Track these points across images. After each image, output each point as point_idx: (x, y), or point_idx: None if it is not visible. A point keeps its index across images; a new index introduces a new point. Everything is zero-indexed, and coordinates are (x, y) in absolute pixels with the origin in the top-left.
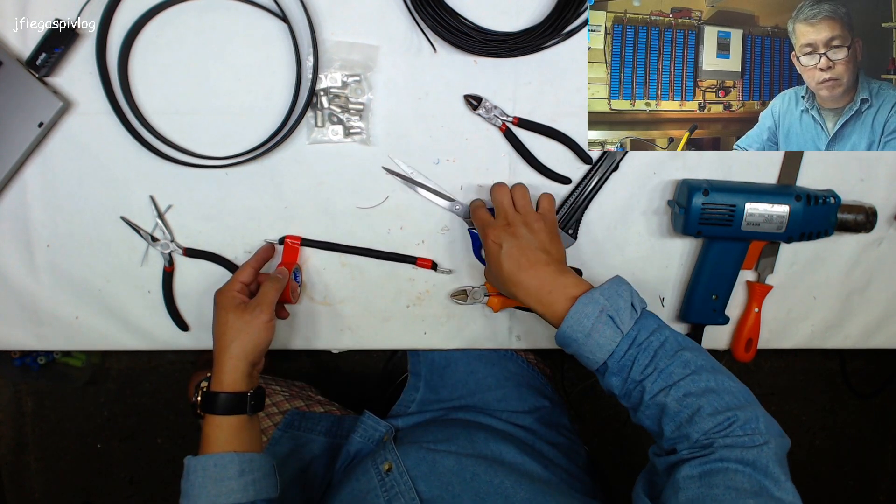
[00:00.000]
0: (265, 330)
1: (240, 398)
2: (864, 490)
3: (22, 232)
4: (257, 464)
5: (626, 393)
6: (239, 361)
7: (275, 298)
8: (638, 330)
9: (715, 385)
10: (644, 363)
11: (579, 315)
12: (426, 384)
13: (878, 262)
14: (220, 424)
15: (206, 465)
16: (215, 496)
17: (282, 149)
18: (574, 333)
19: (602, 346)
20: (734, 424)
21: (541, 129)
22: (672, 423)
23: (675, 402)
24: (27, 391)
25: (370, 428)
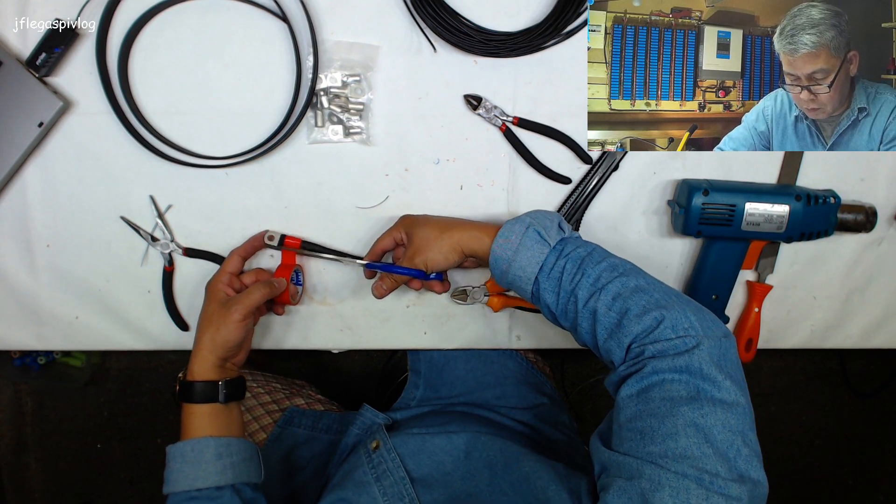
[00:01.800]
0: (235, 329)
1: (211, 387)
2: (864, 490)
3: (22, 232)
4: (235, 447)
5: (563, 310)
6: (208, 353)
7: (257, 302)
8: (564, 243)
9: (644, 283)
10: (573, 271)
11: (507, 232)
12: (426, 382)
13: (878, 262)
14: (194, 412)
15: (183, 451)
16: (192, 479)
17: (282, 149)
18: (503, 252)
19: (531, 259)
20: (662, 325)
21: (541, 129)
22: (604, 331)
23: (605, 305)
24: (27, 391)
25: (368, 420)
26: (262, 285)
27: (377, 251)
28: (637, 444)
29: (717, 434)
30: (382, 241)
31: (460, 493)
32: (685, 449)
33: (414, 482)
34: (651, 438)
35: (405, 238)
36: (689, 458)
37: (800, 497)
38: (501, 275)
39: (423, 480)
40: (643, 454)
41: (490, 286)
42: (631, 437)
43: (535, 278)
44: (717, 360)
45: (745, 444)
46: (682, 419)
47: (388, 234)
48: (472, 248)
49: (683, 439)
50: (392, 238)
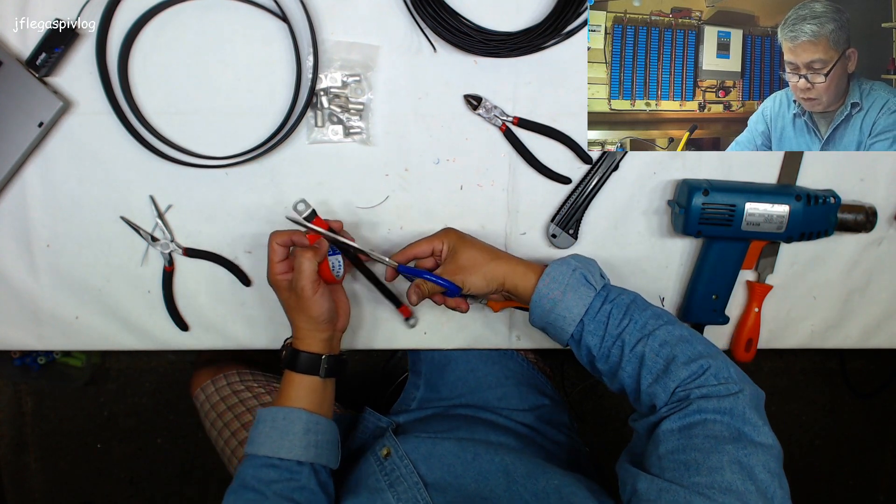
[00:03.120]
0: (315, 302)
1: (315, 360)
2: (864, 490)
3: (22, 232)
4: (323, 427)
5: (604, 353)
6: (310, 332)
7: (311, 269)
8: (608, 289)
9: (688, 334)
10: (619, 316)
11: (555, 273)
12: (426, 382)
13: (878, 262)
14: (294, 381)
15: (275, 416)
16: (277, 448)
17: (282, 149)
18: (549, 291)
19: (577, 301)
20: (707, 372)
21: (541, 128)
22: (650, 375)
23: (653, 351)
24: (27, 391)
25: (371, 423)
26: (303, 252)
27: (409, 255)
28: (682, 473)
29: (759, 473)
30: (420, 246)
31: (474, 496)
32: (730, 483)
33: (428, 486)
34: (696, 470)
35: (446, 251)
36: (734, 492)
37: (800, 497)
38: (543, 314)
39: (436, 484)
40: (689, 484)
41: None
42: (675, 468)
43: (581, 320)
44: (756, 406)
45: (780, 486)
46: (727, 456)
47: (428, 241)
48: (514, 284)
49: (729, 474)
50: (431, 246)
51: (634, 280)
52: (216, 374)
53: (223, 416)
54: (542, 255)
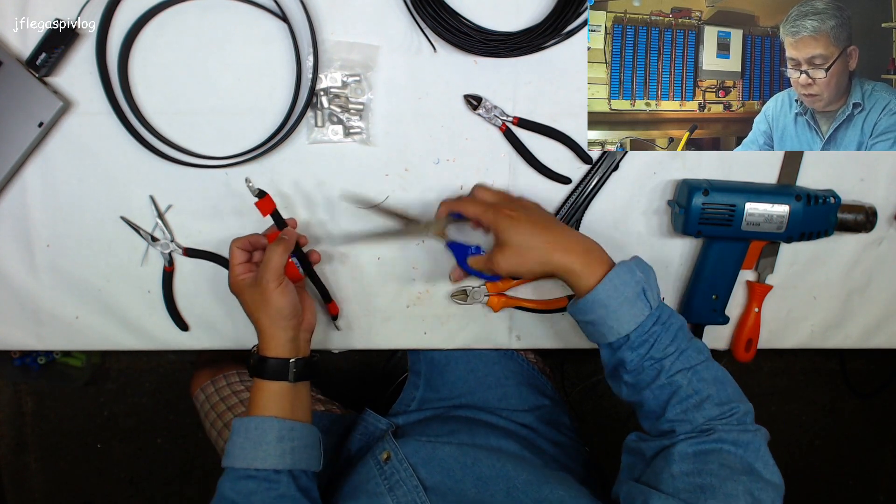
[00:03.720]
0: (279, 296)
1: (282, 364)
2: (864, 490)
3: (22, 232)
4: (298, 432)
5: (638, 368)
6: (273, 331)
7: (279, 263)
8: (661, 308)
9: (722, 376)
10: (666, 342)
11: (618, 281)
12: (426, 382)
13: (878, 262)
14: (263, 388)
15: (247, 427)
16: (251, 458)
17: (282, 149)
18: (609, 299)
19: (632, 317)
20: (734, 416)
21: (541, 128)
22: (679, 406)
23: (690, 385)
24: (27, 391)
25: (371, 425)
26: (273, 246)
27: (454, 208)
28: (697, 496)
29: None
30: (469, 207)
31: (474, 501)
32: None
33: (427, 490)
34: (713, 494)
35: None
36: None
37: (800, 497)
38: (590, 314)
39: (435, 489)
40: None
41: (490, 286)
42: (690, 490)
43: (627, 335)
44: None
45: None
46: (741, 486)
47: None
48: (568, 279)
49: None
50: (477, 216)
51: None
52: (216, 375)
53: (223, 416)
54: None
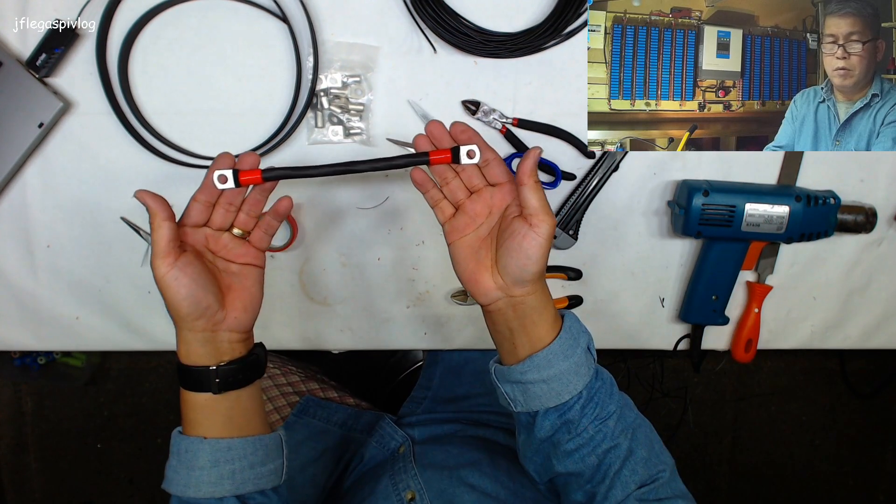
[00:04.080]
0: (169, 287)
1: (199, 374)
2: (864, 490)
3: (22, 232)
4: (237, 452)
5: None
6: (179, 331)
7: (158, 242)
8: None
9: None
10: (607, 400)
11: (575, 331)
12: (441, 382)
13: (878, 263)
14: (188, 401)
15: (179, 448)
16: (185, 486)
17: (282, 149)
18: (569, 351)
19: (584, 373)
20: (659, 481)
21: (541, 127)
22: (621, 471)
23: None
24: (27, 391)
25: (387, 436)
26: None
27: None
28: None
29: None
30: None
31: None
32: None
33: None
34: None
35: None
36: None
37: (800, 497)
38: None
39: None
40: None
41: None
42: None
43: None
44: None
45: None
46: None
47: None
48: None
49: None
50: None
51: (635, 280)
52: None
53: None
54: None
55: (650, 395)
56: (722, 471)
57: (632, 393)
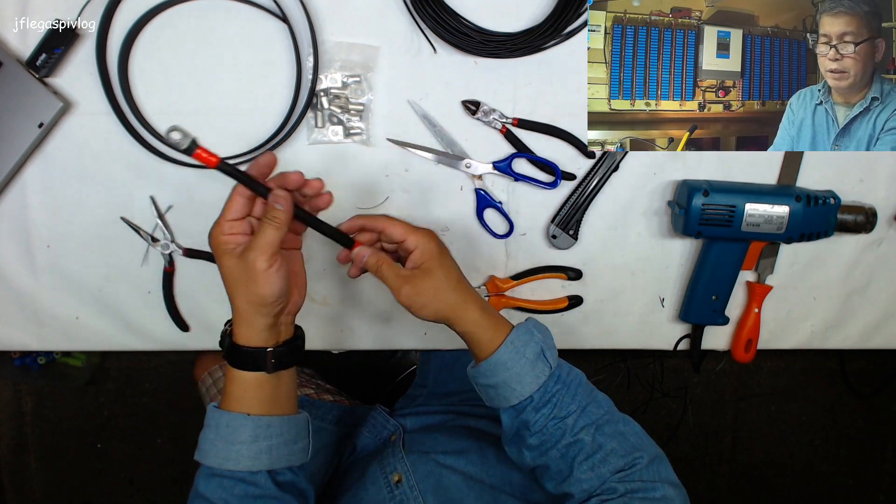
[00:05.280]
0: (268, 281)
1: (257, 354)
2: (864, 490)
3: (22, 232)
4: (276, 429)
5: (542, 429)
6: (250, 315)
7: (272, 241)
8: (561, 367)
9: (623, 427)
10: (568, 401)
11: (519, 343)
12: (435, 380)
13: (878, 263)
14: (236, 379)
15: (218, 422)
16: (223, 458)
17: (282, 149)
18: (511, 361)
19: (534, 378)
20: (636, 467)
21: (541, 127)
22: (587, 464)
23: (594, 441)
24: (27, 391)
25: (379, 425)
26: (269, 220)
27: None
28: None
29: None
30: (395, 228)
31: None
32: None
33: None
34: None
35: (417, 258)
36: None
37: (800, 497)
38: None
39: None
40: None
41: (489, 287)
42: None
43: (530, 396)
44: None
45: None
46: None
47: (407, 230)
48: (472, 338)
49: None
50: (406, 238)
51: (634, 280)
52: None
53: None
54: (542, 255)
55: (650, 395)
56: (722, 471)
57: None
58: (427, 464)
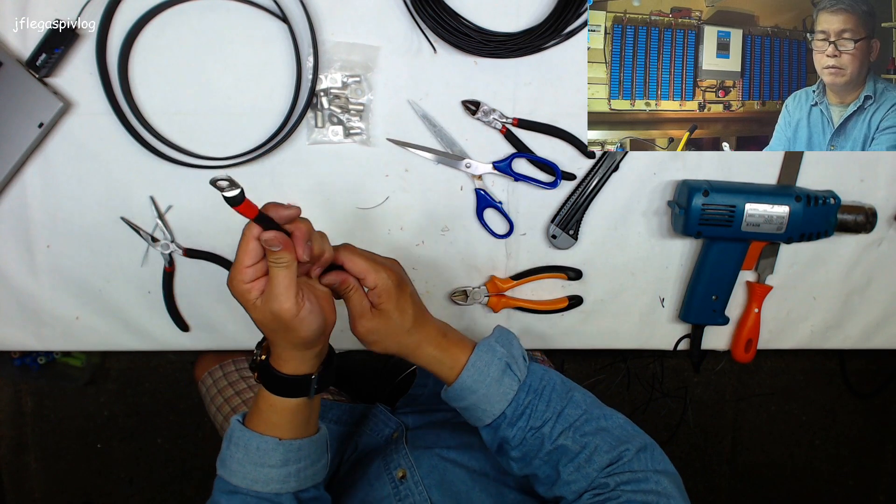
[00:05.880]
0: (303, 324)
1: (300, 382)
2: (864, 490)
3: (22, 232)
4: (305, 452)
5: (521, 441)
6: (294, 352)
7: (287, 283)
8: (532, 374)
9: (606, 423)
10: (542, 409)
11: (481, 364)
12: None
13: (878, 263)
14: (273, 404)
15: (248, 444)
16: (252, 480)
17: (282, 149)
18: (475, 384)
19: (502, 395)
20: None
21: (541, 127)
22: (572, 465)
23: (575, 443)
24: (27, 391)
25: (381, 422)
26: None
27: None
28: None
29: None
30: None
31: None
32: None
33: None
34: None
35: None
36: None
37: (800, 497)
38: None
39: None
40: None
41: (489, 287)
42: None
43: (503, 412)
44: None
45: None
46: None
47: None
48: (434, 370)
49: None
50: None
51: (634, 280)
52: (224, 359)
53: (231, 400)
54: (542, 256)
55: (650, 395)
56: (722, 471)
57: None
58: (431, 458)
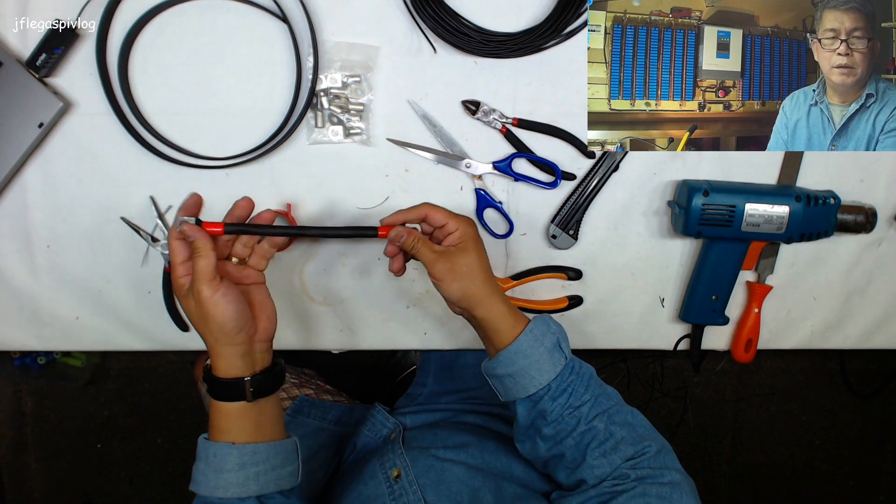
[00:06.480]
0: (216, 307)
1: (234, 385)
2: (864, 490)
3: (22, 232)
4: (262, 455)
5: (558, 417)
6: (219, 347)
7: (203, 268)
8: (573, 360)
9: (632, 419)
10: (581, 391)
11: (538, 332)
12: (435, 379)
13: (878, 263)
14: (220, 410)
15: (207, 453)
16: (213, 487)
17: (282, 149)
18: (530, 349)
19: (552, 366)
20: (645, 455)
21: (541, 127)
22: (599, 450)
23: (606, 429)
24: (27, 391)
25: (379, 423)
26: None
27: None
28: None
29: None
30: (437, 213)
31: None
32: None
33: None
34: None
35: (455, 239)
36: None
37: (800, 497)
38: (511, 366)
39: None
40: None
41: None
42: None
43: (548, 384)
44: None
45: None
46: None
47: (448, 216)
48: (492, 327)
49: None
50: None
51: (634, 280)
52: None
53: None
54: (542, 255)
55: (650, 395)
56: (722, 471)
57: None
58: (426, 459)
